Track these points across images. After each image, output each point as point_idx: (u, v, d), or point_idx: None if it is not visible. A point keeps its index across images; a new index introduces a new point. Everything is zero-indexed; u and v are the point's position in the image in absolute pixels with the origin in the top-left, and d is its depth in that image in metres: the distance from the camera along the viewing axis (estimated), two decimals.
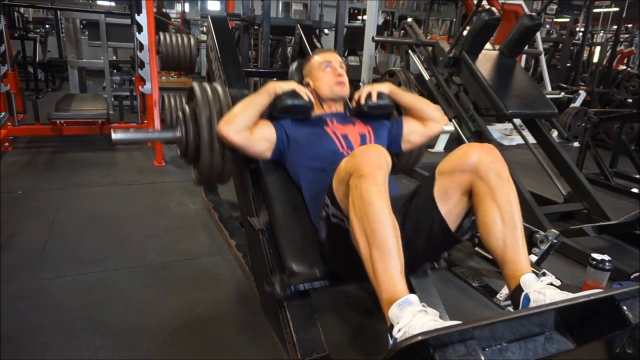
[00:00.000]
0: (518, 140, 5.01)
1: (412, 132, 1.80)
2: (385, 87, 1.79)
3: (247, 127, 1.56)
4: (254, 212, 1.72)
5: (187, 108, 1.75)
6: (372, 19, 4.36)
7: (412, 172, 3.57)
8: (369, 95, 1.75)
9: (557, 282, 1.42)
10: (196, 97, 1.69)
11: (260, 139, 1.60)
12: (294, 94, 1.65)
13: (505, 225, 1.21)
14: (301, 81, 1.85)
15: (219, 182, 1.90)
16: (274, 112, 1.67)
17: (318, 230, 1.46)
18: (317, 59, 1.81)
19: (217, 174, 1.74)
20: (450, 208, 1.30)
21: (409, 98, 1.81)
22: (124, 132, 1.68)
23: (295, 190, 1.66)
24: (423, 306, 1.03)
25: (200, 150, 1.67)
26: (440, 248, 1.40)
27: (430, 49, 3.38)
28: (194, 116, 1.69)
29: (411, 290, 1.64)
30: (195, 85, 1.74)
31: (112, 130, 1.67)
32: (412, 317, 0.98)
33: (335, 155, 1.56)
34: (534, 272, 1.18)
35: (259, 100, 1.61)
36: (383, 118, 1.81)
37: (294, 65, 2.00)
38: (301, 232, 1.55)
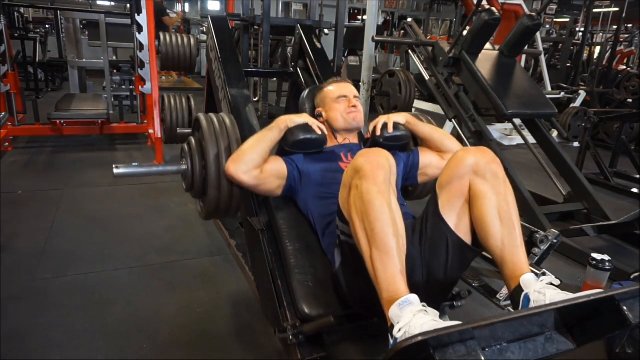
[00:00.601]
0: (518, 140, 5.01)
1: (429, 165, 1.71)
2: (402, 118, 1.71)
3: (257, 166, 1.47)
4: (254, 212, 1.71)
5: (192, 140, 1.67)
6: (372, 19, 4.35)
7: None
8: (385, 126, 1.66)
9: (557, 282, 1.43)
10: (203, 130, 1.61)
11: (271, 177, 1.51)
12: (306, 127, 1.57)
13: (503, 226, 1.20)
14: (312, 110, 1.79)
15: (225, 217, 1.82)
16: (286, 147, 1.57)
17: (332, 263, 1.39)
18: (331, 89, 1.73)
19: (224, 210, 1.66)
20: (458, 219, 1.26)
21: (426, 129, 1.73)
22: (126, 168, 1.59)
23: (307, 227, 1.58)
24: (423, 306, 1.03)
25: (207, 188, 1.59)
26: (461, 266, 1.34)
27: (430, 49, 3.37)
28: (200, 149, 1.61)
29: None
30: (202, 117, 1.66)
31: (114, 166, 1.59)
32: (412, 316, 0.97)
33: None
34: (533, 272, 1.18)
35: (269, 136, 1.52)
36: (399, 150, 1.72)
37: (305, 93, 1.91)
38: (314, 273, 1.46)
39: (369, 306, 1.23)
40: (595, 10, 7.51)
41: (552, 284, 1.11)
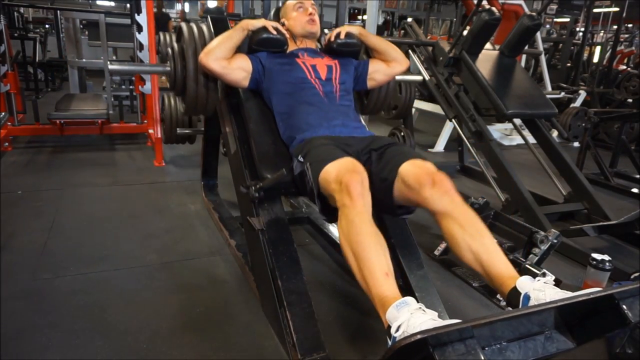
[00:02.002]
0: (518, 140, 5.01)
1: (377, 71, 2.03)
2: (355, 29, 2.02)
3: (224, 56, 1.78)
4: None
5: (175, 46, 1.98)
6: (372, 19, 4.35)
7: None
8: (339, 34, 1.97)
9: (557, 282, 1.44)
10: (183, 35, 1.92)
11: (237, 69, 1.82)
12: (266, 29, 1.88)
13: (472, 238, 1.27)
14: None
15: (204, 113, 2.14)
16: (253, 46, 1.90)
17: (290, 155, 1.70)
18: (291, 1, 2.01)
19: (202, 104, 1.98)
20: (401, 199, 1.45)
21: (375, 40, 2.05)
22: (119, 64, 1.97)
23: (270, 114, 1.89)
24: (420, 307, 1.03)
25: (187, 82, 1.90)
26: (380, 209, 1.50)
27: (430, 49, 3.37)
28: (181, 52, 1.93)
29: (411, 290, 1.66)
30: (183, 25, 1.96)
31: (109, 61, 2.00)
32: (410, 315, 0.98)
33: (303, 82, 1.82)
34: (532, 272, 1.18)
35: (233, 34, 1.83)
36: (351, 56, 2.04)
37: (272, 11, 2.22)
38: (274, 148, 1.79)
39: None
40: (595, 10, 7.51)
41: (552, 283, 1.11)
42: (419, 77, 3.01)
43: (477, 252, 1.24)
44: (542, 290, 1.06)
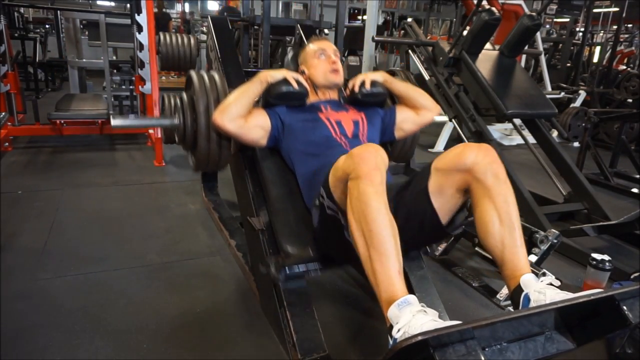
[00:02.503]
0: (518, 140, 5.01)
1: (405, 120, 1.84)
2: (379, 76, 1.83)
3: (240, 115, 1.60)
4: (254, 212, 1.72)
5: (184, 96, 1.81)
6: (372, 19, 4.36)
7: (409, 170, 3.58)
8: (363, 83, 1.78)
9: (557, 282, 1.43)
10: (194, 85, 1.74)
11: (255, 127, 1.64)
12: (287, 81, 1.69)
13: (503, 226, 1.21)
14: (297, 70, 1.87)
15: (216, 170, 1.97)
16: (270, 99, 1.70)
17: (311, 216, 1.50)
18: (312, 47, 1.83)
19: (213, 162, 1.80)
20: (443, 203, 1.31)
21: (402, 87, 1.85)
22: (123, 119, 1.78)
23: (290, 175, 1.70)
24: (422, 306, 1.03)
25: (198, 138, 1.72)
26: (431, 239, 1.44)
27: (430, 49, 3.38)
28: (191, 104, 1.75)
29: (411, 290, 1.65)
30: (193, 73, 1.79)
31: (111, 116, 1.75)
32: (411, 317, 0.98)
33: (328, 141, 1.62)
34: (533, 272, 1.18)
35: (251, 88, 1.65)
36: (377, 106, 1.85)
37: (289, 55, 2.07)
38: (295, 215, 1.59)
39: (344, 257, 1.39)
40: (595, 10, 7.50)
41: (552, 284, 1.11)
42: (444, 118, 2.94)
43: (505, 243, 1.19)
44: (542, 292, 1.06)
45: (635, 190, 3.57)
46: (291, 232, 1.54)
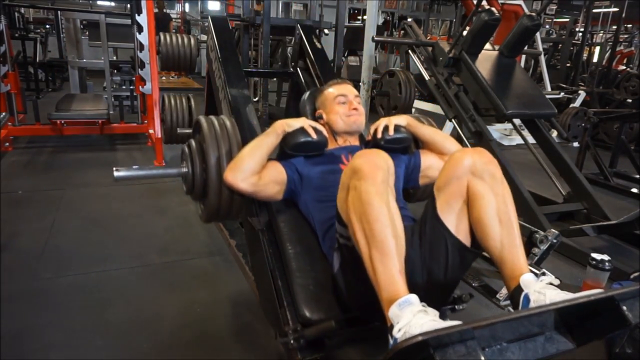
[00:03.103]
0: (518, 140, 5.01)
1: (431, 167, 1.69)
2: (403, 120, 1.70)
3: (254, 172, 1.48)
4: (254, 212, 1.71)
5: (193, 142, 1.68)
6: (372, 19, 4.35)
7: None
8: (386, 128, 1.65)
9: (557, 282, 1.43)
10: (203, 133, 1.62)
11: (270, 183, 1.50)
12: (305, 131, 1.55)
13: (501, 226, 1.20)
14: (313, 112, 1.78)
15: (225, 219, 1.83)
16: (287, 149, 1.56)
17: (331, 265, 1.39)
18: (331, 90, 1.72)
19: (224, 214, 1.66)
20: (457, 221, 1.25)
21: (428, 131, 1.73)
22: (127, 170, 1.59)
23: (307, 229, 1.56)
24: (423, 306, 1.03)
25: (208, 192, 1.60)
26: (461, 267, 1.33)
27: (430, 49, 3.38)
28: (200, 152, 1.62)
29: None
30: (202, 119, 1.67)
31: (114, 169, 1.60)
32: (412, 316, 0.98)
33: None
34: (533, 271, 1.18)
35: (266, 141, 1.52)
36: (400, 152, 1.70)
37: (305, 95, 1.89)
38: (314, 277, 1.45)
39: (369, 310, 1.23)
40: (595, 10, 7.51)
41: (551, 284, 1.11)
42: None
43: (504, 243, 1.17)
44: (542, 292, 1.06)
45: (635, 190, 3.57)
46: (311, 298, 1.39)
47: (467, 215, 1.26)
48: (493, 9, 3.05)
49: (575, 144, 4.69)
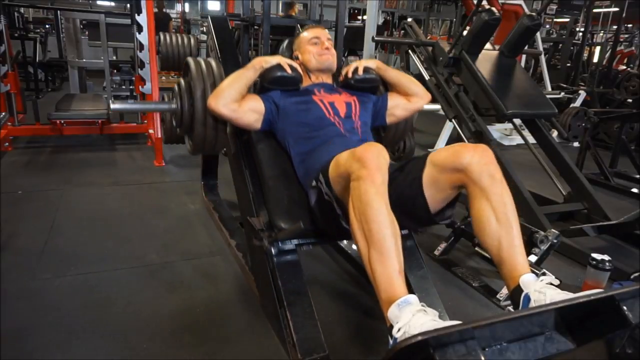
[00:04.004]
0: (518, 140, 5.01)
1: (396, 106, 1.91)
2: (372, 63, 1.91)
3: (234, 100, 1.66)
4: (254, 212, 1.72)
5: (182, 82, 1.89)
6: (372, 19, 4.36)
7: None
8: (356, 70, 1.85)
9: (557, 282, 1.44)
10: (191, 72, 1.82)
11: (249, 111, 1.69)
12: (280, 66, 1.74)
13: (500, 225, 1.21)
14: (291, 57, 1.93)
15: (212, 153, 2.05)
16: (264, 84, 1.76)
17: (307, 194, 1.56)
18: (305, 34, 1.91)
19: (210, 145, 1.88)
20: (435, 194, 1.34)
21: (394, 74, 1.93)
22: (122, 103, 1.86)
23: (284, 156, 1.75)
24: (422, 306, 1.03)
25: (194, 123, 1.81)
26: (418, 223, 1.47)
27: (430, 49, 3.37)
28: (188, 89, 1.83)
29: (410, 290, 1.65)
30: (190, 60, 1.86)
31: (110, 101, 1.85)
32: (411, 316, 0.98)
33: (322, 121, 1.69)
34: (533, 271, 1.18)
35: (245, 74, 1.70)
36: (369, 92, 1.91)
37: (284, 43, 2.12)
38: (288, 194, 1.66)
39: (336, 230, 1.40)
40: (595, 10, 7.50)
41: (551, 283, 1.11)
42: (436, 106, 2.98)
43: (502, 242, 1.19)
44: (542, 292, 1.06)
45: (635, 190, 3.57)
46: (284, 209, 1.61)
47: (446, 195, 1.34)
48: (493, 8, 3.04)
49: (576, 144, 4.69)
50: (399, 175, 1.42)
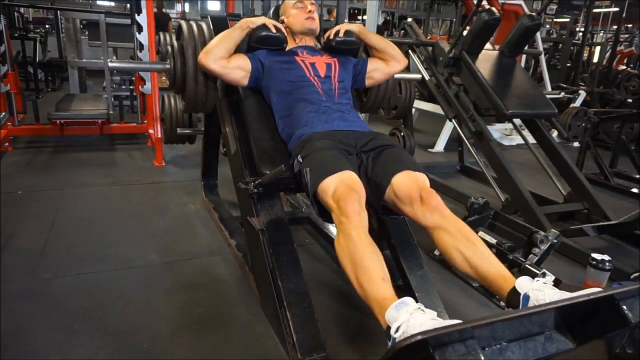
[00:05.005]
0: (518, 140, 5.01)
1: (375, 69, 2.04)
2: (355, 27, 2.04)
3: (223, 56, 1.78)
4: (253, 212, 1.72)
5: (175, 43, 2.00)
6: (372, 19, 4.35)
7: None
8: (338, 32, 1.98)
9: (552, 277, 1.46)
10: (183, 33, 1.94)
11: (236, 68, 1.82)
12: (266, 26, 1.88)
13: (461, 245, 1.29)
14: (278, 21, 2.03)
15: (203, 111, 2.16)
16: (251, 44, 1.90)
17: (291, 158, 1.66)
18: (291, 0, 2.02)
19: (201, 102, 1.99)
20: (394, 205, 1.47)
21: (375, 38, 2.06)
22: (119, 62, 1.98)
23: (269, 111, 1.89)
24: (419, 307, 1.03)
25: (186, 81, 1.92)
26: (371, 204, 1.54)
27: (430, 49, 3.37)
28: (181, 50, 1.95)
29: (411, 289, 1.66)
30: (183, 23, 1.98)
31: (109, 60, 2.06)
32: (409, 315, 0.98)
33: (303, 80, 1.83)
34: (533, 272, 1.18)
35: (233, 34, 1.83)
36: (350, 54, 2.04)
37: (271, 10, 2.22)
38: (273, 145, 1.80)
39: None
40: (595, 10, 7.50)
41: (546, 283, 1.11)
42: (417, 76, 3.04)
43: (469, 258, 1.28)
44: (541, 290, 1.06)
45: (635, 190, 3.57)
46: (268, 158, 1.74)
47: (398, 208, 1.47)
48: (493, 8, 3.05)
49: (576, 144, 4.69)
50: (375, 162, 1.55)
